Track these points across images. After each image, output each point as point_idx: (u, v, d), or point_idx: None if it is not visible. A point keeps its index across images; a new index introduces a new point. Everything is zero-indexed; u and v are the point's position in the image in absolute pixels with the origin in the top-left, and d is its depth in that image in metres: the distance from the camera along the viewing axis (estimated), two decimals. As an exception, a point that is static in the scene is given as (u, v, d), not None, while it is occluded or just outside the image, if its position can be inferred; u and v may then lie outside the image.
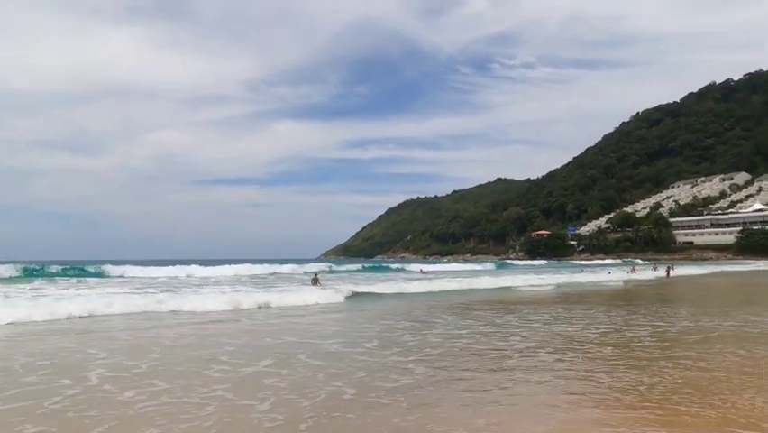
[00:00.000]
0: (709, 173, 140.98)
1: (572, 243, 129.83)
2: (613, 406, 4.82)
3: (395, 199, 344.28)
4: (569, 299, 17.98)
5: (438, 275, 35.06)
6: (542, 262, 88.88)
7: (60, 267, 35.88)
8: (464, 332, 9.53)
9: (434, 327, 10.22)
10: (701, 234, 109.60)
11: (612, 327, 10.24)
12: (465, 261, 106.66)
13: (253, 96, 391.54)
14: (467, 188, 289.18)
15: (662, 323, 10.69)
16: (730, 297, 20.33)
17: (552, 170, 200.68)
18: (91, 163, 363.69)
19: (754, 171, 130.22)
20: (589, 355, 7.21)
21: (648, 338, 8.75)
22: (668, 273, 41.32)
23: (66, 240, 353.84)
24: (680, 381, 5.70)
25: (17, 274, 31.11)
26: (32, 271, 32.94)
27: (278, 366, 6.59)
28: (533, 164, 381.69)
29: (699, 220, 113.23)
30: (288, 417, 4.54)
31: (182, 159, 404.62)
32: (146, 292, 17.49)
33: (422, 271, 43.70)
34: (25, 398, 5.17)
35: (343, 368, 6.48)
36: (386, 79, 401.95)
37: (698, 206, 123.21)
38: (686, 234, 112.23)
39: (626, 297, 19.66)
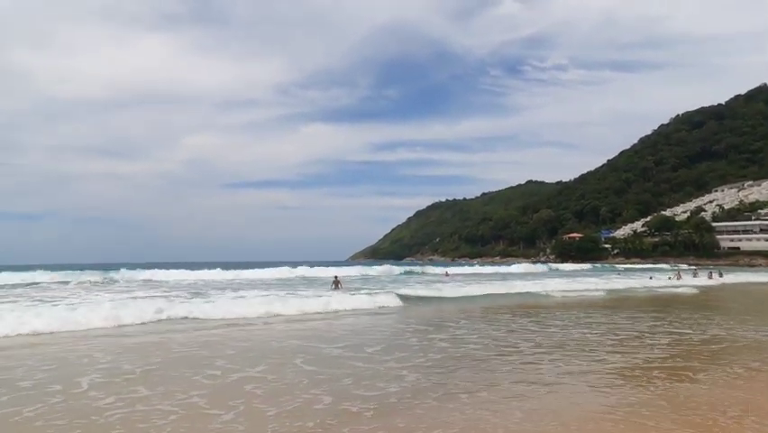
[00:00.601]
0: (758, 177, 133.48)
1: (606, 246, 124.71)
2: (572, 420, 4.38)
3: (423, 202, 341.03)
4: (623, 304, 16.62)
5: (487, 278, 33.16)
6: (585, 265, 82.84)
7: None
8: (513, 336, 9.16)
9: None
10: (749, 239, 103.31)
11: (634, 332, 9.68)
12: (493, 263, 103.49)
13: (283, 99, 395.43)
14: (497, 190, 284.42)
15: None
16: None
17: (584, 172, 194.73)
18: (128, 168, 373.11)
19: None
20: (590, 367, 6.69)
21: (665, 346, 8.17)
22: (710, 277, 38.48)
23: (101, 244, 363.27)
24: (660, 393, 5.32)
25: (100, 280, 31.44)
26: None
27: (268, 372, 6.49)
28: (564, 167, 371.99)
29: (746, 225, 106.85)
30: (248, 427, 4.45)
31: (214, 162, 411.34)
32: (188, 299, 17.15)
33: (447, 275, 42.00)
34: (13, 404, 5.15)
35: (333, 374, 6.32)
36: (415, 82, 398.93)
37: (744, 210, 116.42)
38: (731, 240, 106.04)
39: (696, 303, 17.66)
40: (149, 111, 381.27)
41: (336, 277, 24.68)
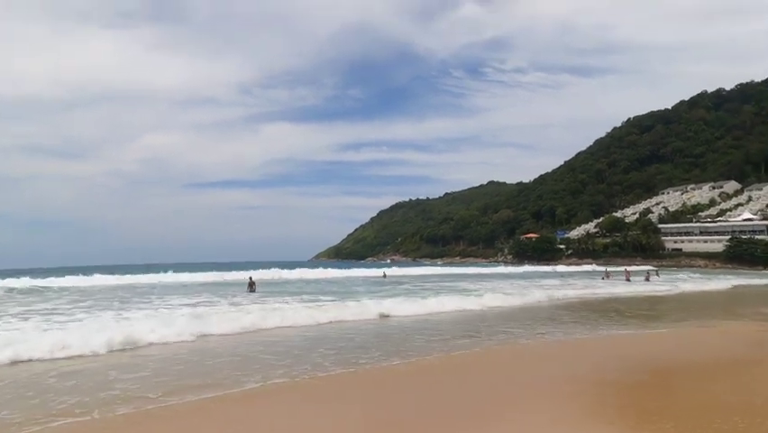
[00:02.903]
0: (700, 181, 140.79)
1: (561, 246, 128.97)
2: None
3: (387, 202, 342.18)
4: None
5: (431, 281, 33.72)
6: (523, 269, 74.96)
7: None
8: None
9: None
10: (690, 241, 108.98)
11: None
12: (452, 264, 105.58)
13: (246, 98, 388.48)
14: (459, 190, 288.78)
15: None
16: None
17: (543, 173, 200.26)
18: (82, 168, 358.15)
19: (744, 180, 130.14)
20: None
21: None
22: (647, 279, 40.43)
23: (56, 247, 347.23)
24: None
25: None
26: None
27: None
28: (525, 168, 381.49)
29: (688, 227, 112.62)
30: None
31: (174, 162, 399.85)
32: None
33: (384, 276, 42.14)
34: None
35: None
36: (380, 82, 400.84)
37: (687, 213, 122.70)
38: (675, 241, 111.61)
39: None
40: (103, 110, 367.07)
41: (251, 278, 25.40)
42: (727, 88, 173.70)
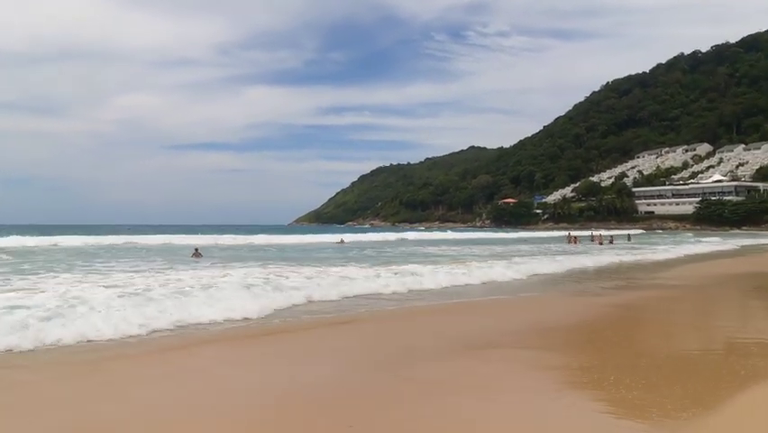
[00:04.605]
0: (674, 144, 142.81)
1: (538, 211, 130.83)
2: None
3: (368, 166, 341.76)
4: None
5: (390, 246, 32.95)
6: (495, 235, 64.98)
7: None
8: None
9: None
10: (662, 203, 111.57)
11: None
12: (429, 229, 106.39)
13: (225, 59, 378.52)
14: (440, 155, 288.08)
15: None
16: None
17: (523, 138, 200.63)
18: (54, 126, 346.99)
19: (717, 143, 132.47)
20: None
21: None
22: (594, 239, 41.09)
23: (29, 205, 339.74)
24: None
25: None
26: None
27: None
28: (507, 133, 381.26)
29: (660, 190, 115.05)
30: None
31: (151, 123, 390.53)
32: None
33: (342, 242, 40.72)
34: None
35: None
36: (361, 45, 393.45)
37: (660, 176, 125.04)
38: (648, 204, 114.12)
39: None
40: (75, 67, 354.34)
41: (197, 249, 24.38)
42: (703, 50, 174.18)
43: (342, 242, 40.93)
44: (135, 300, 9.16)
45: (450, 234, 60.41)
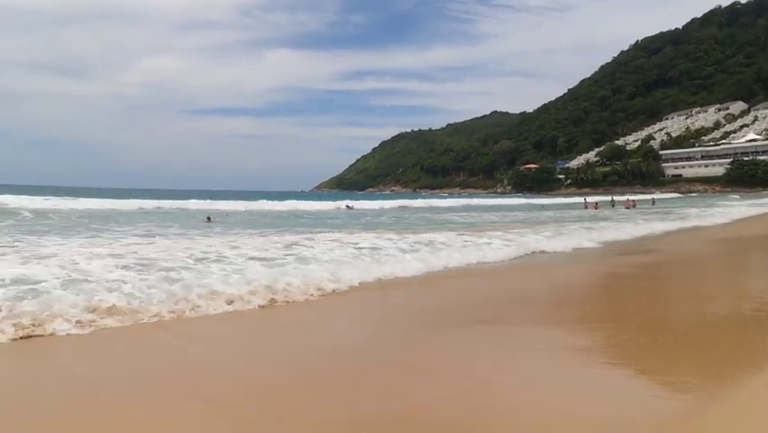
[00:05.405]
0: (706, 104, 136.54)
1: (560, 176, 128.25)
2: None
3: (389, 132, 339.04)
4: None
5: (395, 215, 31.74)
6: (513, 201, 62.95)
7: None
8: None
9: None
10: (691, 166, 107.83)
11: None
12: (450, 195, 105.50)
13: (247, 21, 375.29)
14: (462, 120, 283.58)
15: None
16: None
17: (546, 102, 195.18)
18: (80, 88, 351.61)
19: (752, 100, 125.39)
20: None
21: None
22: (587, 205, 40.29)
23: (52, 166, 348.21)
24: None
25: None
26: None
27: None
28: (531, 97, 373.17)
29: (689, 152, 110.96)
30: None
31: (174, 87, 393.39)
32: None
33: (349, 207, 40.50)
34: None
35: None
36: (383, 8, 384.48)
37: (690, 138, 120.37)
38: (675, 168, 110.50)
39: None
40: (101, 28, 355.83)
41: (209, 218, 25.09)
42: (743, 1, 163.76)
43: (349, 207, 40.94)
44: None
45: (474, 201, 59.49)
